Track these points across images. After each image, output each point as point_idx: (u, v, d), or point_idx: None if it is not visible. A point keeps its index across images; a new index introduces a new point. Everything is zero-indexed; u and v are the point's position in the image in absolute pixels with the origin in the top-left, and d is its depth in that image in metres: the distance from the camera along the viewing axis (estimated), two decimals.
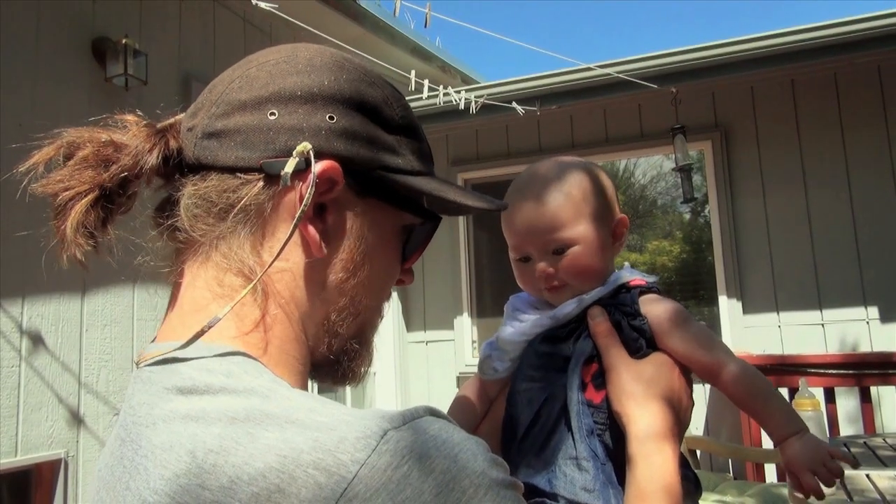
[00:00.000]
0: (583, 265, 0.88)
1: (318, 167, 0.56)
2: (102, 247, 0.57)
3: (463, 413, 0.95)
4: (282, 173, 0.55)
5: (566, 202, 0.89)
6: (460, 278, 5.21)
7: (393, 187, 0.61)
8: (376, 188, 0.60)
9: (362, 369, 0.65)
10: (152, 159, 0.58)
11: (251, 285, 0.56)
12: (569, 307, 0.88)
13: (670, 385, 0.82)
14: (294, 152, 0.55)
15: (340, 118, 0.58)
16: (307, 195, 0.55)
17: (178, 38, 3.62)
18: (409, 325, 5.31)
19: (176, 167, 0.60)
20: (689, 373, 0.87)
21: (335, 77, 0.60)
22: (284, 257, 0.57)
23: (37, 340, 2.72)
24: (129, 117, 0.60)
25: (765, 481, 3.74)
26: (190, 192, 0.58)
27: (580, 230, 0.88)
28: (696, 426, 4.44)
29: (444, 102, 3.92)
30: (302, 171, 0.56)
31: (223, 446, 0.46)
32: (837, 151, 4.43)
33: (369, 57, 4.17)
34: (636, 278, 0.90)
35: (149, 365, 0.56)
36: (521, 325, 0.91)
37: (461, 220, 5.26)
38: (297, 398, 0.50)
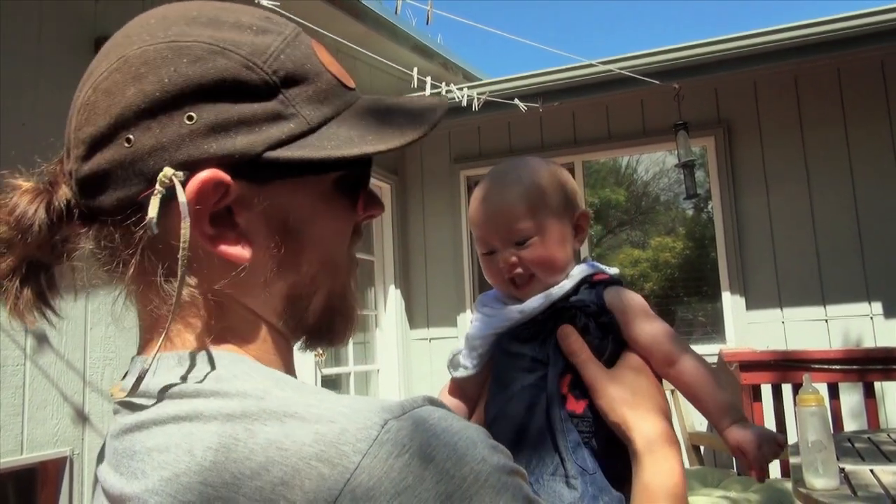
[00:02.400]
0: (545, 255, 0.91)
1: (195, 183, 0.50)
2: (58, 303, 0.56)
3: None
4: (147, 220, 0.49)
5: (526, 194, 0.92)
6: (463, 275, 5.21)
7: (292, 164, 0.53)
8: (273, 171, 0.53)
9: (346, 332, 0.64)
10: (36, 228, 0.53)
11: (168, 323, 0.52)
12: (536, 302, 0.90)
13: (651, 384, 0.85)
14: (156, 185, 0.49)
15: (200, 113, 0.51)
16: (183, 231, 0.49)
17: None
18: (413, 323, 5.32)
19: (77, 214, 0.55)
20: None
21: (175, 67, 0.51)
22: (214, 275, 0.53)
23: (41, 339, 2.73)
24: (19, 181, 0.55)
25: (769, 476, 3.74)
26: (92, 245, 0.55)
27: (541, 221, 0.91)
28: (700, 422, 4.44)
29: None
30: (177, 195, 0.50)
31: (222, 443, 0.45)
32: (840, 146, 4.42)
33: (371, 54, 4.17)
34: (599, 273, 0.93)
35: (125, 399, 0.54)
36: (489, 319, 0.93)
37: (462, 218, 5.26)
38: (293, 393, 0.49)
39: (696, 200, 5.76)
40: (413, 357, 5.28)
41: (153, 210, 0.49)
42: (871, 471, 2.08)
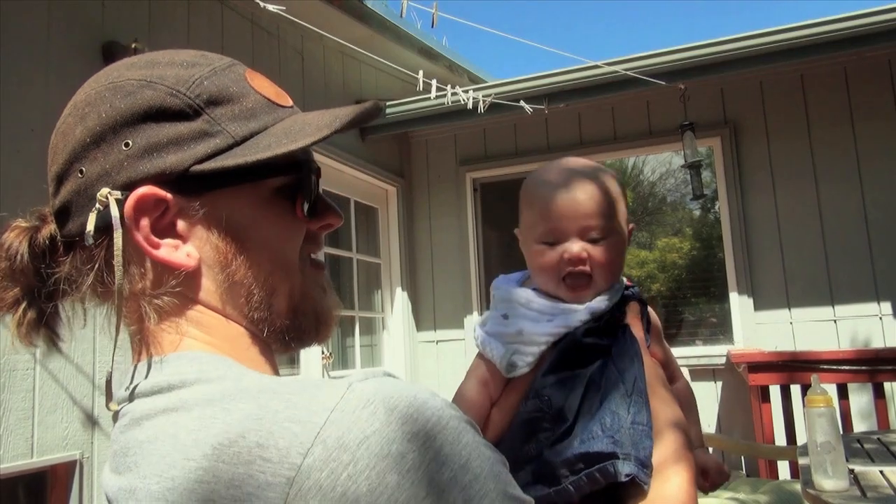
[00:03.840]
0: (613, 257, 0.92)
1: (132, 199, 0.57)
2: (61, 326, 0.64)
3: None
4: (84, 234, 0.57)
5: (606, 195, 0.93)
6: (470, 277, 5.21)
7: (220, 173, 0.59)
8: (204, 182, 0.59)
9: (323, 330, 0.67)
10: (19, 261, 0.61)
11: (118, 327, 0.59)
12: (603, 303, 0.91)
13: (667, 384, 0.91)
14: (96, 204, 0.57)
15: (135, 139, 0.58)
16: (116, 242, 0.57)
17: (186, 42, 3.64)
18: (420, 325, 5.32)
19: (62, 247, 0.63)
20: None
21: (110, 104, 0.59)
22: (168, 283, 0.59)
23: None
24: (18, 222, 0.64)
25: (777, 478, 3.73)
26: (68, 270, 0.61)
27: (614, 224, 0.93)
28: (709, 423, 4.43)
29: (451, 102, 3.92)
30: (120, 212, 0.57)
31: (202, 424, 0.49)
32: (848, 146, 4.40)
33: (376, 57, 4.18)
34: (628, 280, 0.98)
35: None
36: (557, 318, 0.91)
37: (468, 221, 5.26)
38: (267, 376, 0.55)
39: (703, 201, 5.74)
40: (420, 359, 5.28)
41: (90, 224, 0.57)
42: (881, 472, 2.07)
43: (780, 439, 3.79)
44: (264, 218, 0.62)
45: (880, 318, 4.22)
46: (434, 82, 3.51)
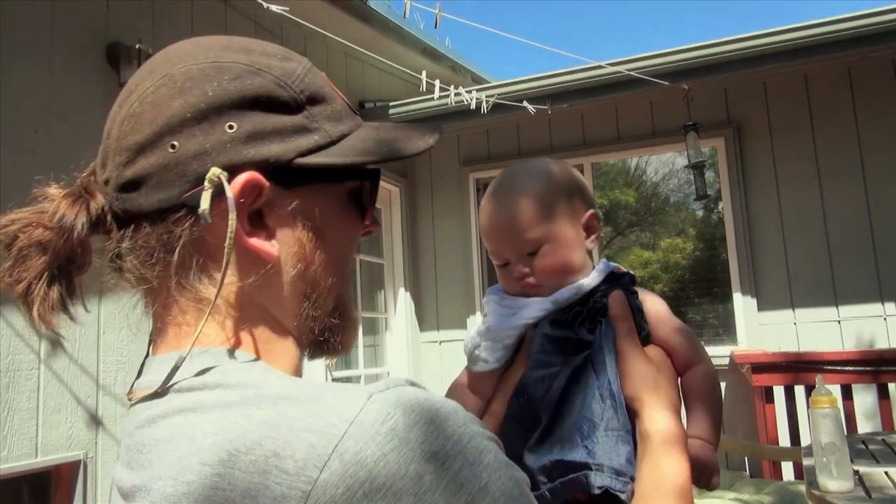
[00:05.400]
0: (556, 262, 0.90)
1: (238, 182, 0.55)
2: (76, 309, 0.59)
3: None
4: (200, 212, 0.54)
5: (529, 202, 0.91)
6: (473, 278, 5.21)
7: (317, 169, 0.60)
8: (302, 176, 0.59)
9: (349, 339, 0.67)
10: (79, 230, 0.57)
11: (205, 318, 0.56)
12: (568, 293, 0.89)
13: (670, 380, 0.85)
14: (205, 182, 0.55)
15: (240, 123, 0.57)
16: (231, 222, 0.54)
17: None
18: (423, 325, 5.32)
19: (111, 220, 0.60)
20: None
21: (217, 83, 0.57)
22: (243, 272, 0.58)
23: (55, 343, 2.75)
24: (52, 190, 0.60)
25: (781, 479, 3.72)
26: (128, 245, 0.58)
27: (549, 228, 0.90)
28: None
29: (454, 102, 3.92)
30: (222, 193, 0.55)
31: (221, 427, 0.49)
32: (852, 146, 4.39)
33: (379, 58, 4.18)
34: (619, 269, 0.93)
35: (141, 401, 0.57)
36: (519, 310, 0.91)
37: (471, 221, 5.27)
38: (288, 381, 0.53)
39: (707, 201, 5.73)
40: (423, 360, 5.29)
41: (205, 202, 0.54)
42: (886, 473, 2.06)
43: (784, 440, 3.79)
44: (338, 219, 0.64)
45: (884, 319, 4.21)
46: (437, 83, 3.51)
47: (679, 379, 0.89)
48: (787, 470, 3.85)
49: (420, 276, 5.35)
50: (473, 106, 3.91)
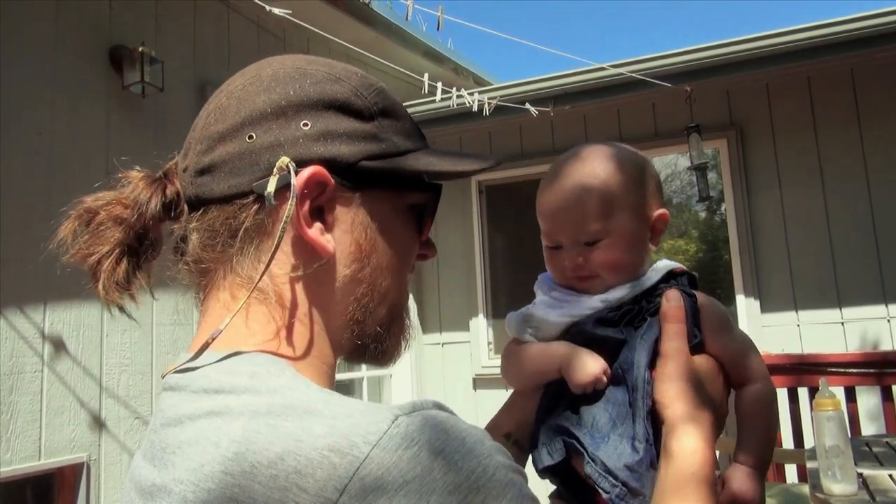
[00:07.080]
0: (613, 259, 0.84)
1: (304, 174, 0.58)
2: (139, 292, 0.63)
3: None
4: (265, 194, 0.58)
5: (601, 192, 0.84)
6: (475, 280, 5.21)
7: (382, 174, 0.63)
8: (366, 179, 0.62)
9: (392, 353, 0.68)
10: (152, 208, 0.63)
11: (247, 296, 0.59)
12: (620, 292, 0.83)
13: (717, 389, 0.81)
14: (274, 169, 0.58)
15: (314, 122, 0.61)
16: (289, 207, 0.57)
17: (192, 45, 3.66)
18: (425, 327, 5.32)
19: (182, 207, 0.64)
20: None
21: (299, 85, 0.62)
22: (298, 264, 0.60)
23: (58, 346, 2.75)
24: (133, 173, 0.65)
25: (785, 481, 3.71)
26: (195, 227, 0.62)
27: (614, 222, 0.84)
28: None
29: (457, 104, 3.93)
30: (289, 184, 0.58)
31: (246, 437, 0.49)
32: (855, 147, 4.38)
33: (381, 60, 4.18)
34: (679, 266, 0.87)
35: (175, 372, 0.59)
36: (568, 306, 0.86)
37: (474, 223, 5.27)
38: (316, 393, 0.53)
39: (709, 203, 5.73)
40: (425, 362, 5.28)
41: (272, 186, 0.58)
42: (890, 475, 2.05)
43: (788, 442, 3.77)
44: (397, 228, 0.66)
45: (888, 320, 4.20)
46: (439, 85, 3.52)
47: (738, 395, 0.84)
48: (791, 472, 3.84)
49: (422, 278, 5.35)
50: (475, 108, 3.91)
